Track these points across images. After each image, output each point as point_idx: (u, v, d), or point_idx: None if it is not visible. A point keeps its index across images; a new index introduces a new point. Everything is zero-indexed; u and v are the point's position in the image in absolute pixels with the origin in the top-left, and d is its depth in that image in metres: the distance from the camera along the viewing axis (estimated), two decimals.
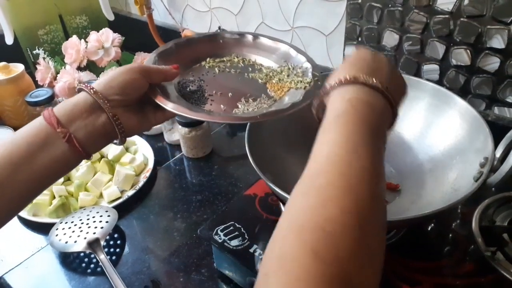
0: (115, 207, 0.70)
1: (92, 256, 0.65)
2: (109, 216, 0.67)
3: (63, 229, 0.65)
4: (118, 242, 0.68)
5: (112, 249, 0.66)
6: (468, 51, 0.67)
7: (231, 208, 0.63)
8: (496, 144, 0.53)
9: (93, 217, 0.66)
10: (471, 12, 0.63)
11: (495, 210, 0.59)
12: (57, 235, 0.64)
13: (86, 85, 0.47)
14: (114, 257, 0.65)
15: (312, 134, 0.37)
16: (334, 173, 0.29)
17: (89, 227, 0.64)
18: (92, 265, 0.64)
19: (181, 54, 0.62)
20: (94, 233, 0.63)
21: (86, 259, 0.65)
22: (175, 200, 0.75)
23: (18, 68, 0.95)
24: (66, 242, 0.63)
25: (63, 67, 0.99)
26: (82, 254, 0.66)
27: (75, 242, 0.62)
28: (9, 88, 0.93)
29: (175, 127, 0.87)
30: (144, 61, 0.59)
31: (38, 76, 1.03)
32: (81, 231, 0.64)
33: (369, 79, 0.37)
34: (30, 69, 1.09)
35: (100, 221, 0.65)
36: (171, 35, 1.13)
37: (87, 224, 0.65)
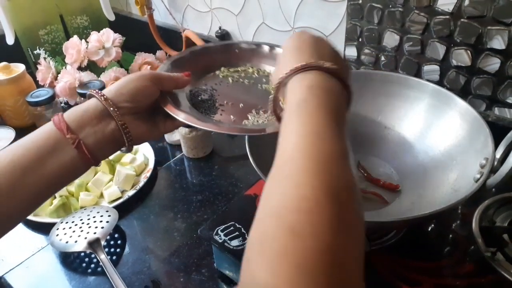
0: (116, 207, 0.70)
1: (93, 256, 0.65)
2: (110, 216, 0.67)
3: (64, 229, 0.65)
4: (119, 242, 0.68)
5: (113, 249, 0.67)
6: (469, 52, 0.67)
7: (232, 208, 0.63)
8: (496, 145, 0.54)
9: (94, 217, 0.66)
10: (472, 13, 0.63)
11: (495, 211, 0.59)
12: (58, 235, 0.64)
13: (97, 92, 0.47)
14: (115, 257, 0.65)
15: None
16: (303, 158, 0.30)
17: (90, 227, 0.65)
18: (93, 265, 0.64)
19: (195, 63, 0.61)
20: (95, 233, 0.63)
21: (87, 259, 0.65)
22: (176, 200, 0.75)
23: (19, 68, 0.95)
24: (67, 242, 0.63)
25: (64, 67, 0.99)
26: (83, 254, 0.66)
27: (76, 242, 0.63)
28: (10, 88, 0.94)
29: None
30: (158, 69, 0.58)
31: (39, 76, 1.03)
32: (82, 231, 0.64)
33: (323, 63, 0.37)
34: (31, 69, 1.09)
35: (101, 221, 0.66)
36: (172, 36, 1.13)
37: (88, 224, 0.65)
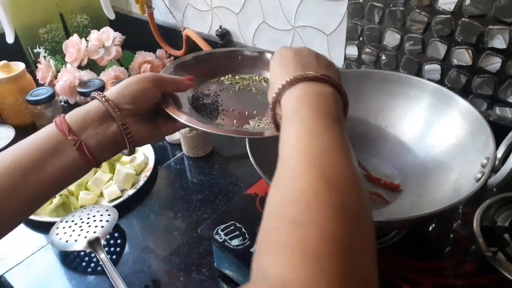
0: (116, 206, 0.70)
1: (93, 255, 0.65)
2: (110, 215, 0.67)
3: (64, 228, 0.65)
4: (119, 241, 0.68)
5: (113, 248, 0.66)
6: (470, 51, 0.67)
7: (232, 208, 0.63)
8: (498, 144, 0.53)
9: (94, 216, 0.66)
10: (473, 12, 0.63)
11: (496, 211, 0.59)
12: (58, 234, 0.64)
13: (99, 93, 0.47)
14: (115, 256, 0.65)
15: None
16: (297, 155, 0.32)
17: (90, 226, 0.64)
18: (93, 264, 0.64)
19: (199, 67, 0.62)
20: (95, 232, 0.63)
21: (87, 258, 0.65)
22: (176, 200, 0.75)
23: (19, 67, 0.95)
24: (67, 241, 0.63)
25: (64, 66, 0.99)
26: (83, 253, 0.66)
27: (76, 241, 0.62)
28: (10, 87, 0.93)
29: None
30: (161, 71, 0.58)
31: (39, 75, 1.03)
32: (82, 230, 0.64)
33: (306, 74, 0.39)
34: (31, 68, 1.09)
35: (101, 220, 0.65)
36: (172, 34, 1.13)
37: (88, 223, 0.65)
